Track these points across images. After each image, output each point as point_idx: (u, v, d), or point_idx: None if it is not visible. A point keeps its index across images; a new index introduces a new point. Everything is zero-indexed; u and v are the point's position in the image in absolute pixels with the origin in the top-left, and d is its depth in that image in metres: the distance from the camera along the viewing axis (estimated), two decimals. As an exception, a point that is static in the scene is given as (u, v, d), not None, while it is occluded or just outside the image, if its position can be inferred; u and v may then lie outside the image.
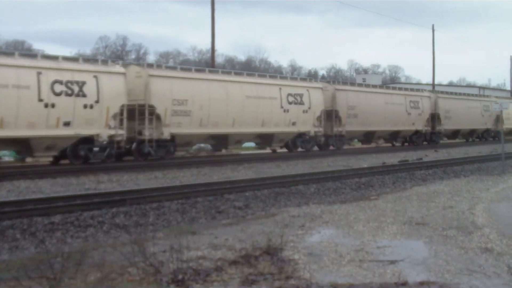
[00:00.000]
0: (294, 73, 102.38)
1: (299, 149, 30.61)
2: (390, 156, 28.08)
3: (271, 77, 30.61)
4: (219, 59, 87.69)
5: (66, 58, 21.19)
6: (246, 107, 26.34)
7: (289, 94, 28.75)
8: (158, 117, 23.04)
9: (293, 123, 28.99)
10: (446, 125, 41.10)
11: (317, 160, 25.14)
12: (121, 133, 21.56)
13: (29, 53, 23.23)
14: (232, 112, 25.71)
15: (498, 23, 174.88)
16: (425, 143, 40.29)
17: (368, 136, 35.77)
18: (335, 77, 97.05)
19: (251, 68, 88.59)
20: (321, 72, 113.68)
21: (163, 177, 17.69)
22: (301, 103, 29.34)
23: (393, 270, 6.59)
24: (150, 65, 24.98)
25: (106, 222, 10.13)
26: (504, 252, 7.54)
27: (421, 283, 6.03)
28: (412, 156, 28.24)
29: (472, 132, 45.92)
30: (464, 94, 46.61)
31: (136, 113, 22.43)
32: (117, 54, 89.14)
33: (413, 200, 12.73)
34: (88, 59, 23.11)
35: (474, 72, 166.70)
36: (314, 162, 24.33)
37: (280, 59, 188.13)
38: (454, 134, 43.92)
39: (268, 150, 30.31)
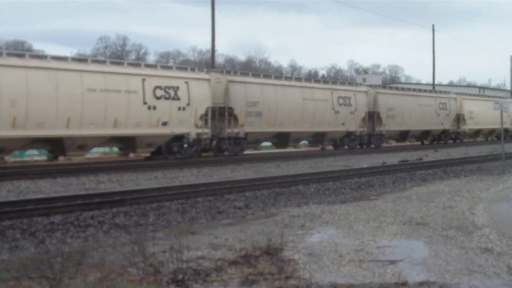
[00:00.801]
0: (294, 73, 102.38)
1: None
2: (390, 156, 28.07)
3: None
4: (219, 59, 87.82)
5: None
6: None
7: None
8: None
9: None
10: (389, 126, 35.97)
11: (317, 160, 25.15)
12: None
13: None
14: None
15: (498, 23, 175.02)
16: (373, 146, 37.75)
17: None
18: (335, 77, 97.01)
19: (251, 68, 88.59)
20: (321, 72, 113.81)
21: (163, 177, 17.69)
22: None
23: (393, 270, 6.59)
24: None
25: (106, 222, 10.13)
26: (504, 252, 7.55)
27: (421, 283, 6.03)
28: (412, 156, 28.24)
29: (425, 134, 41.06)
30: (413, 89, 42.28)
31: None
32: (117, 54, 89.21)
33: (413, 200, 12.74)
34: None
35: (474, 72, 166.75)
36: (314, 162, 24.33)
37: (280, 59, 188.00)
38: (402, 136, 38.66)
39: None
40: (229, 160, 24.47)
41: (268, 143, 32.10)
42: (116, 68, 21.91)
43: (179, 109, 23.47)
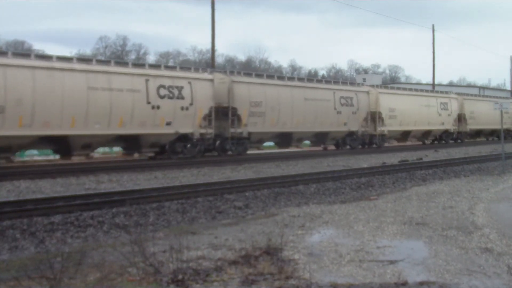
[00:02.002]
0: (294, 73, 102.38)
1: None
2: (390, 156, 28.07)
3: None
4: (219, 59, 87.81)
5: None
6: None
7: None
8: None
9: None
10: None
11: (317, 160, 25.15)
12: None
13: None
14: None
15: (498, 23, 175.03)
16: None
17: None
18: (335, 77, 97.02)
19: (251, 68, 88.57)
20: (321, 72, 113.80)
21: (163, 177, 17.69)
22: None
23: (393, 270, 6.59)
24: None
25: (106, 222, 10.13)
26: (504, 252, 7.54)
27: (421, 283, 6.03)
28: (412, 156, 28.24)
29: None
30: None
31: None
32: (117, 54, 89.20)
33: (413, 200, 12.73)
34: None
35: (474, 72, 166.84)
36: (314, 162, 24.33)
37: (280, 59, 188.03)
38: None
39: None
40: (229, 160, 24.47)
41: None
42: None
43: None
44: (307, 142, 34.04)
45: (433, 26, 55.20)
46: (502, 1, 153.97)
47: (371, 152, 31.34)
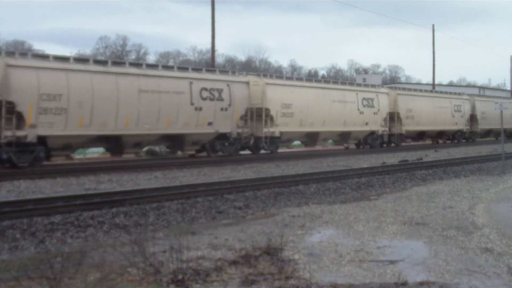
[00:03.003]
0: (294, 73, 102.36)
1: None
2: (390, 156, 28.06)
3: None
4: (219, 59, 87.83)
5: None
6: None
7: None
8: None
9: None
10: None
11: (317, 160, 25.16)
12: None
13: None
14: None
15: (498, 23, 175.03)
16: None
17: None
18: (335, 77, 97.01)
19: (251, 68, 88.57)
20: (321, 72, 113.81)
21: (163, 177, 17.68)
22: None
23: (393, 270, 6.59)
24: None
25: (106, 222, 10.13)
26: (504, 252, 7.55)
27: (421, 283, 6.03)
28: (412, 156, 28.23)
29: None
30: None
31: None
32: (117, 54, 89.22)
33: (413, 200, 12.74)
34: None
35: (474, 72, 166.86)
36: (314, 162, 24.33)
37: (280, 59, 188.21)
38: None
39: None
40: (230, 160, 24.48)
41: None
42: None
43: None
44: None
45: (433, 26, 55.20)
46: (502, 1, 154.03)
47: (371, 152, 31.36)
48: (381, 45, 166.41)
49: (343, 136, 33.42)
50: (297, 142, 33.98)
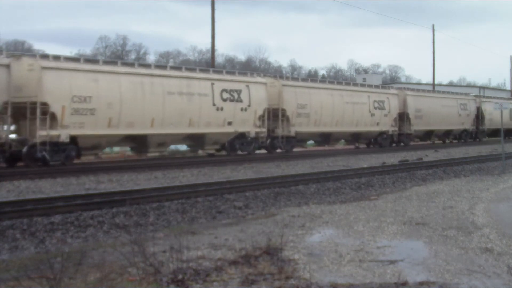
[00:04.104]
0: (294, 73, 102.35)
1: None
2: (390, 156, 28.06)
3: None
4: (219, 59, 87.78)
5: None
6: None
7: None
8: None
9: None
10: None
11: (317, 160, 25.15)
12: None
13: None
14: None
15: (498, 23, 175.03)
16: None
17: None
18: (335, 77, 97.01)
19: (251, 68, 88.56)
20: (321, 72, 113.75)
21: (163, 177, 17.68)
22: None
23: (393, 270, 6.59)
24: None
25: (106, 222, 10.13)
26: (504, 252, 7.55)
27: (421, 283, 6.03)
28: (412, 156, 28.23)
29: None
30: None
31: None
32: (117, 54, 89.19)
33: (413, 200, 12.74)
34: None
35: (474, 72, 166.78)
36: (314, 162, 24.33)
37: (280, 58, 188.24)
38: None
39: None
40: (230, 160, 24.50)
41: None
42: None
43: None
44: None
45: (433, 26, 55.20)
46: (502, 1, 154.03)
47: (371, 152, 31.40)
48: (381, 45, 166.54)
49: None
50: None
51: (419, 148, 36.55)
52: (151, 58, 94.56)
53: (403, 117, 37.34)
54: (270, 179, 16.32)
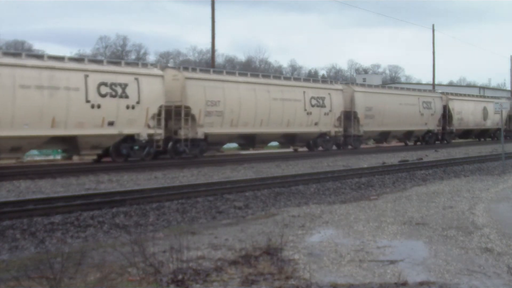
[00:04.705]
0: (295, 73, 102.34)
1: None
2: (390, 156, 28.08)
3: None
4: (219, 59, 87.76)
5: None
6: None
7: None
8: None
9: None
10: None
11: (317, 160, 25.16)
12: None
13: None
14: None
15: (498, 23, 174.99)
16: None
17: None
18: (335, 77, 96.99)
19: (251, 68, 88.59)
20: (321, 72, 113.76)
21: (163, 177, 17.68)
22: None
23: (393, 270, 6.59)
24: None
25: (106, 222, 10.13)
26: (504, 252, 7.55)
27: (421, 283, 6.03)
28: (412, 156, 28.24)
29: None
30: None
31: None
32: (117, 54, 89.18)
33: (413, 200, 12.74)
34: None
35: (474, 72, 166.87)
36: (314, 162, 24.34)
37: (280, 59, 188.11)
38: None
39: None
40: (229, 160, 24.49)
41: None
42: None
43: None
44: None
45: (433, 26, 55.17)
46: (502, 1, 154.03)
47: (371, 152, 31.38)
48: (381, 45, 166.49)
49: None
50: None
51: (394, 150, 33.49)
52: (151, 58, 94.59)
53: (349, 117, 32.66)
54: (270, 179, 16.33)
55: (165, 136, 23.46)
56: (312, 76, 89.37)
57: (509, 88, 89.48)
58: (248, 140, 28.20)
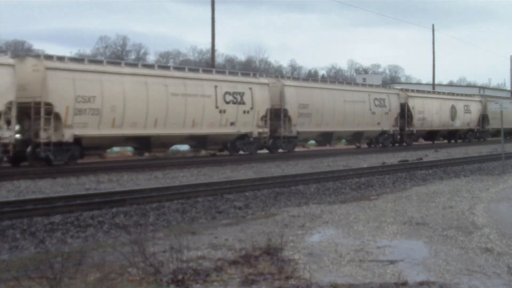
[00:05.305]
0: (294, 73, 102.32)
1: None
2: (390, 156, 28.08)
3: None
4: (219, 59, 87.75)
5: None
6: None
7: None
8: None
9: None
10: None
11: (317, 160, 25.16)
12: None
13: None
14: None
15: (498, 23, 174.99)
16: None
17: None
18: (335, 77, 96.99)
19: (251, 68, 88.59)
20: (321, 72, 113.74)
21: (163, 177, 17.68)
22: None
23: (393, 270, 6.59)
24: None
25: (106, 222, 10.13)
26: (504, 252, 7.55)
27: (421, 283, 6.03)
28: (412, 156, 28.25)
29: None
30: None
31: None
32: (117, 54, 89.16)
33: (413, 200, 12.74)
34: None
35: (474, 72, 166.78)
36: (314, 162, 24.34)
37: (280, 58, 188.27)
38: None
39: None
40: (230, 160, 24.49)
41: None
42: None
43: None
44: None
45: (433, 26, 55.20)
46: (502, 1, 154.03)
47: (371, 152, 31.40)
48: (381, 45, 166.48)
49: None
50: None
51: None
52: (151, 58, 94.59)
53: (279, 115, 28.56)
54: (270, 179, 16.33)
55: (21, 139, 20.09)
56: (311, 76, 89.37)
57: (509, 88, 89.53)
58: (142, 144, 24.06)
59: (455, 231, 9.00)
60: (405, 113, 37.27)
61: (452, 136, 44.61)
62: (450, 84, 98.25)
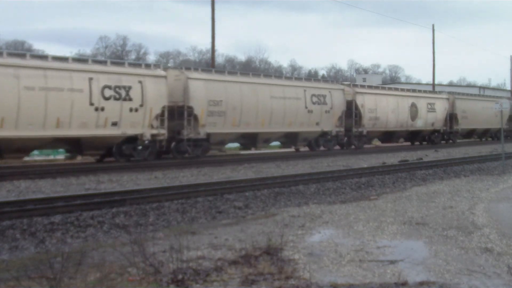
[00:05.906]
0: (295, 73, 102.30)
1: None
2: (390, 156, 28.08)
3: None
4: (219, 59, 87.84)
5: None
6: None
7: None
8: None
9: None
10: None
11: (317, 160, 25.15)
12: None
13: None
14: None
15: (498, 23, 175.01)
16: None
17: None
18: (335, 77, 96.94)
19: (251, 68, 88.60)
20: (321, 72, 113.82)
21: (163, 177, 17.68)
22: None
23: (393, 270, 6.59)
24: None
25: (106, 222, 10.13)
26: (504, 252, 7.55)
27: (421, 283, 6.03)
28: (412, 156, 28.25)
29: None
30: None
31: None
32: (117, 54, 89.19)
33: (413, 200, 12.74)
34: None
35: (474, 72, 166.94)
36: (314, 162, 24.33)
37: (280, 59, 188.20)
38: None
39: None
40: (230, 160, 24.48)
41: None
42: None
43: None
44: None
45: (433, 26, 55.14)
46: (503, 1, 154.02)
47: (371, 152, 31.38)
48: (381, 45, 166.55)
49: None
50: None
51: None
52: (151, 58, 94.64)
53: (182, 114, 24.11)
54: (270, 179, 16.32)
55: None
56: (312, 76, 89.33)
57: (509, 88, 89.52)
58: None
59: (455, 231, 9.00)
60: (352, 112, 32.27)
61: (414, 137, 39.38)
62: (450, 84, 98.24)
